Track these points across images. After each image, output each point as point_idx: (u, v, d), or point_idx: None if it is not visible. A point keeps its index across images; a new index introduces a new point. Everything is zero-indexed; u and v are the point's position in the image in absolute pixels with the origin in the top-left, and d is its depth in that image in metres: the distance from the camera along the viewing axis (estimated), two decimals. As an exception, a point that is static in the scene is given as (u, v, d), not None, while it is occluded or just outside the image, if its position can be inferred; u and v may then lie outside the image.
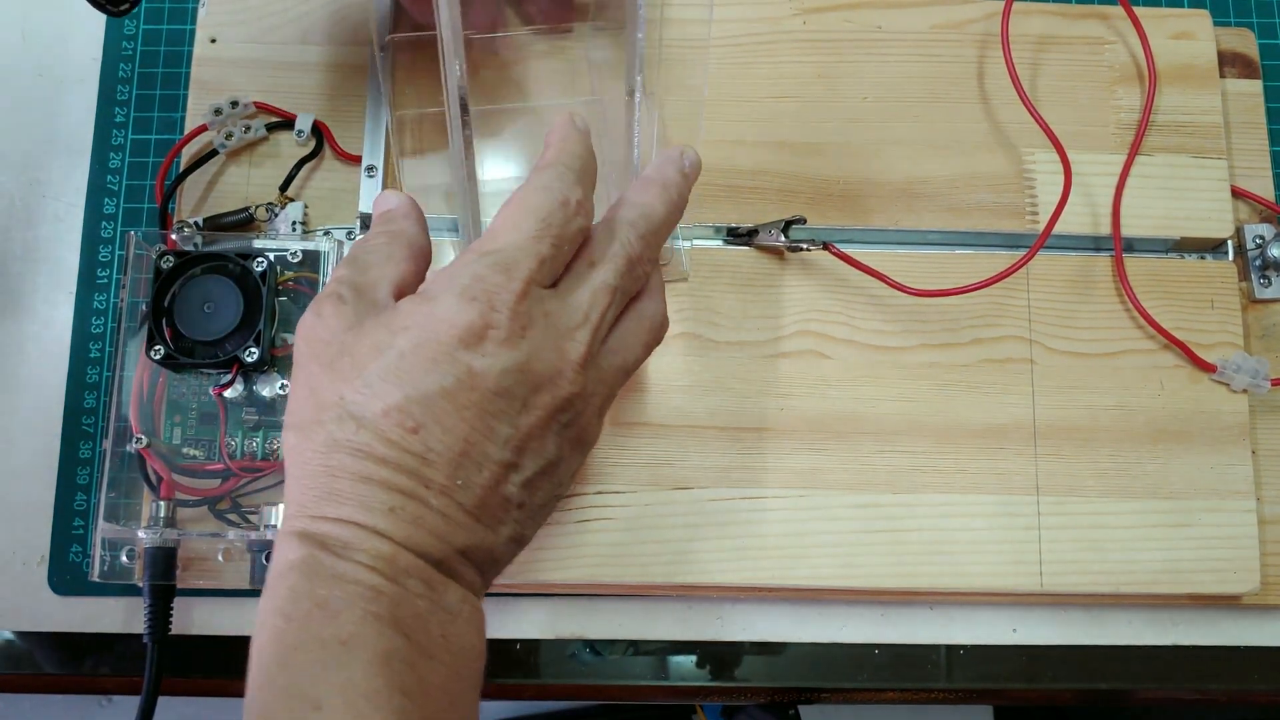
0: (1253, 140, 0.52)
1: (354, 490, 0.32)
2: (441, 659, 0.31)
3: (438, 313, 0.33)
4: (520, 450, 0.33)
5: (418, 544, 0.32)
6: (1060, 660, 0.48)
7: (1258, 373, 0.47)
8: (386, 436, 0.32)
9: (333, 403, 0.32)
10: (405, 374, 0.32)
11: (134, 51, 0.53)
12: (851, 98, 0.51)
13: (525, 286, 0.33)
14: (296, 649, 0.30)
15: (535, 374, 0.33)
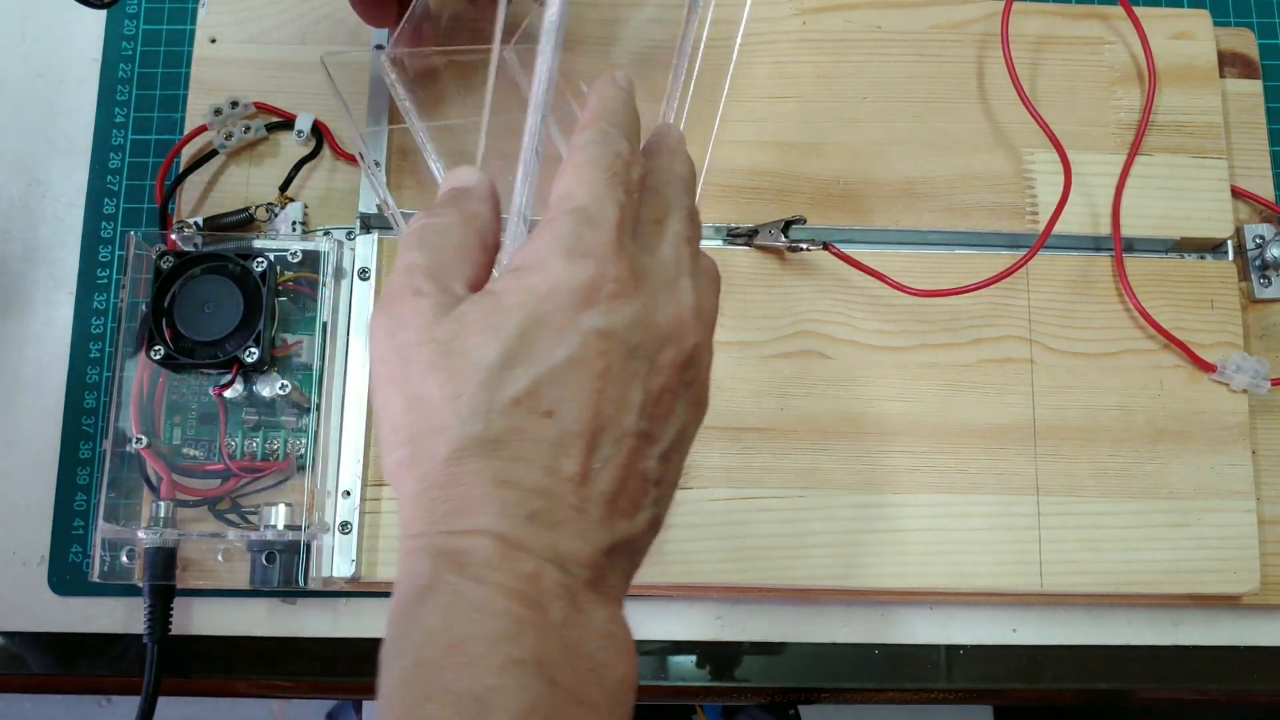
0: (1253, 140, 0.52)
1: (489, 497, 0.29)
2: (592, 700, 0.28)
3: (549, 279, 0.30)
4: (654, 418, 0.31)
5: (562, 552, 0.29)
6: (1060, 660, 0.48)
7: (1258, 373, 0.47)
8: (519, 428, 0.29)
9: (448, 407, 0.29)
10: (529, 353, 0.29)
11: (134, 51, 0.53)
12: (851, 98, 0.51)
13: (618, 235, 0.31)
14: (429, 700, 0.27)
15: (658, 327, 0.31)
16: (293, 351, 0.46)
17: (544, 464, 0.29)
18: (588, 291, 0.30)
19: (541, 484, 0.29)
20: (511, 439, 0.29)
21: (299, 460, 0.45)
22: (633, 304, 0.30)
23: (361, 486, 0.45)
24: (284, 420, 0.46)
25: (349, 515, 0.45)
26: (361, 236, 0.48)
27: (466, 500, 0.29)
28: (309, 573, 0.44)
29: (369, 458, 0.46)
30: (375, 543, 0.45)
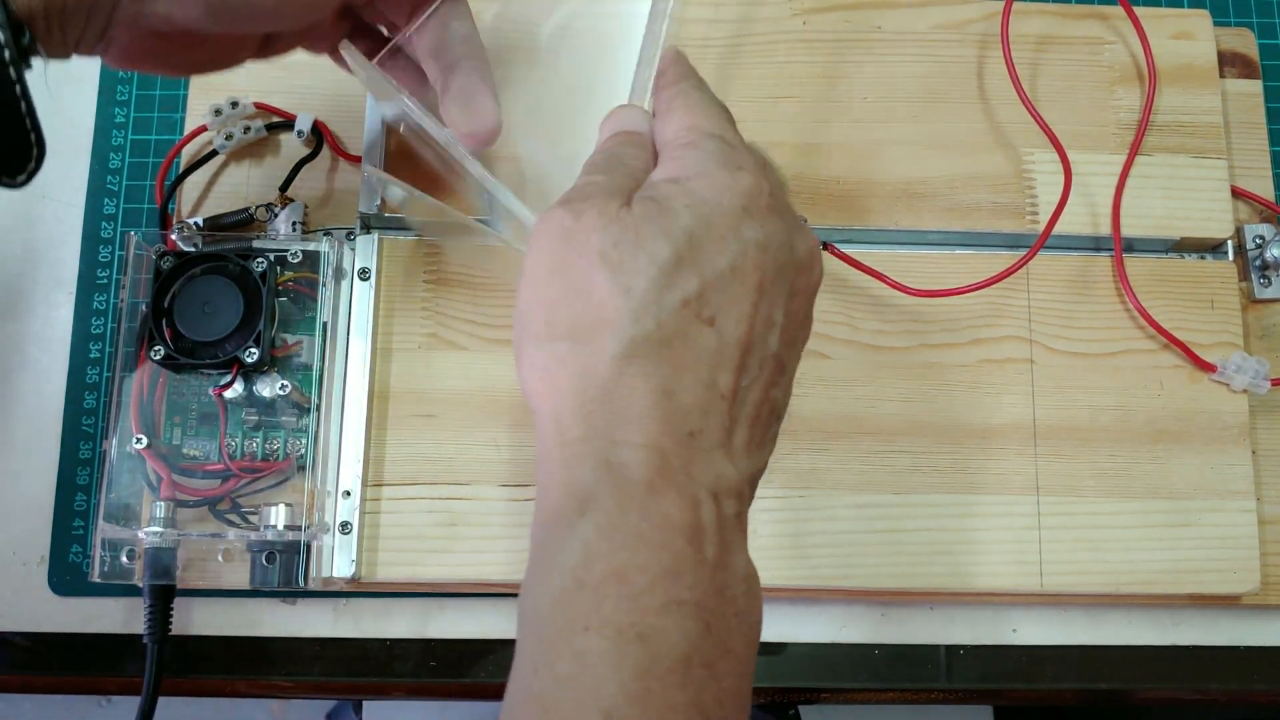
0: (1253, 140, 0.52)
1: (656, 407, 0.28)
2: (735, 650, 0.28)
3: (713, 185, 0.30)
4: (788, 345, 0.31)
5: (717, 479, 0.28)
6: (1060, 660, 0.48)
7: (1258, 373, 0.47)
8: (686, 331, 0.28)
9: (618, 300, 0.29)
10: (697, 256, 0.29)
11: (134, 51, 0.53)
12: (851, 98, 0.51)
13: (762, 161, 0.32)
14: (588, 630, 0.26)
15: (798, 251, 0.31)
16: (293, 351, 0.46)
17: (704, 376, 0.29)
18: (747, 201, 0.30)
19: (702, 399, 0.29)
20: (677, 343, 0.29)
21: (299, 460, 0.45)
22: (783, 224, 0.31)
23: (361, 486, 0.45)
24: (284, 420, 0.46)
25: (349, 515, 0.45)
26: (361, 236, 0.48)
27: (632, 407, 0.28)
28: (309, 573, 0.44)
29: (369, 458, 0.46)
30: (375, 543, 0.45)
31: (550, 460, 0.29)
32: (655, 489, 0.28)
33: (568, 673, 0.26)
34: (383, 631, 0.47)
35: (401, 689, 0.47)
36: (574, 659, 0.26)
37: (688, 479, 0.28)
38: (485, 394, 0.46)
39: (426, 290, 0.48)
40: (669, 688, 0.26)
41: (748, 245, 0.30)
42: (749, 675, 0.29)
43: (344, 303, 0.47)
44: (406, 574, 0.45)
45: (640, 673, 0.26)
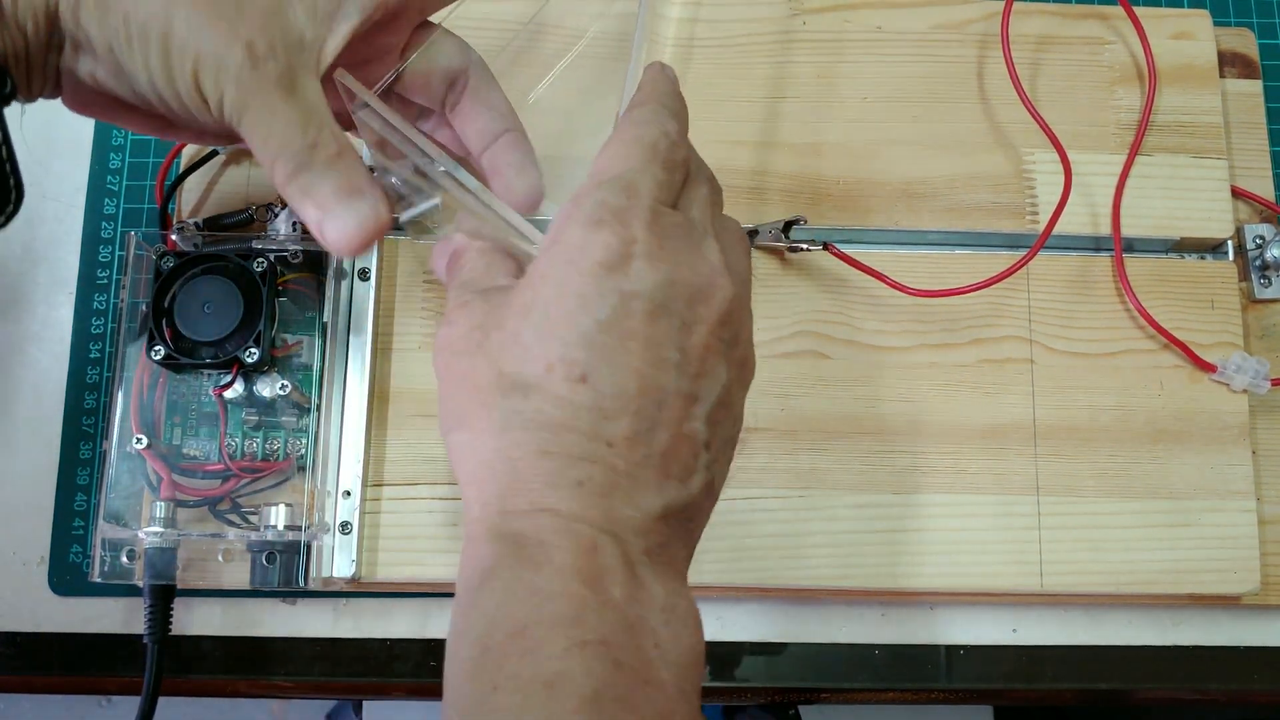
0: (1253, 140, 0.52)
1: (536, 470, 0.29)
2: (659, 678, 0.28)
3: (572, 246, 0.31)
4: (696, 377, 0.31)
5: (616, 520, 0.29)
6: (1060, 660, 0.48)
7: (1258, 373, 0.47)
8: (556, 395, 0.29)
9: (491, 381, 0.30)
10: (558, 320, 0.30)
11: (134, 51, 0.53)
12: (851, 98, 0.51)
13: (653, 203, 0.32)
14: (496, 689, 0.27)
15: (688, 285, 0.31)
16: (293, 351, 0.46)
17: (586, 429, 0.29)
18: (613, 255, 0.30)
19: (586, 449, 0.29)
20: (548, 407, 0.29)
21: (299, 460, 0.45)
22: (660, 265, 0.31)
23: (361, 487, 0.45)
24: (284, 420, 0.46)
25: (349, 515, 0.45)
26: (361, 236, 0.47)
27: (516, 477, 0.29)
28: (309, 573, 0.44)
29: (369, 458, 0.46)
30: (375, 543, 0.45)
31: (463, 544, 0.31)
32: (545, 544, 0.29)
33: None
34: (383, 631, 0.47)
35: (401, 689, 0.47)
36: (486, 717, 0.27)
37: (581, 526, 0.29)
38: (485, 394, 0.46)
39: (426, 290, 0.48)
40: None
41: (613, 298, 0.30)
42: (685, 697, 0.29)
43: (344, 303, 0.47)
44: (406, 574, 0.45)
45: (549, 718, 0.26)
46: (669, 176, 0.33)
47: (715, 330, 0.31)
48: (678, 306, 0.31)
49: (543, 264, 0.31)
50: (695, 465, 0.31)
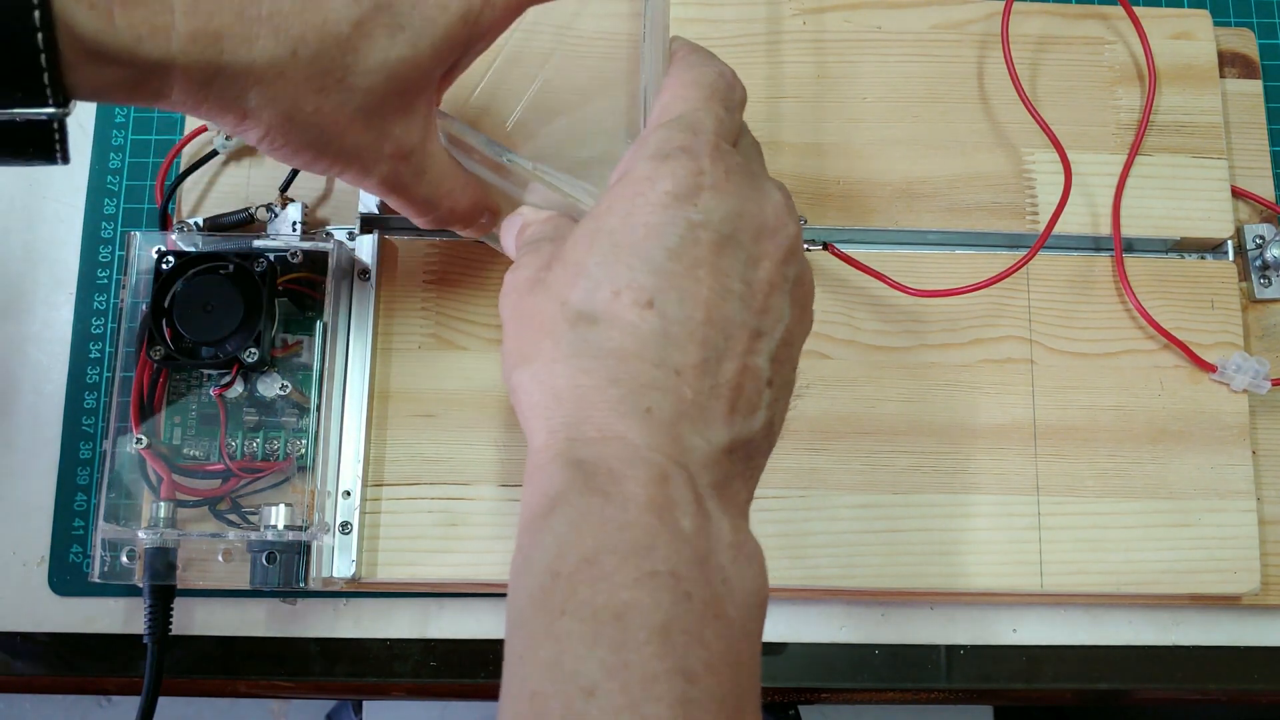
0: (1253, 140, 0.52)
1: (605, 396, 0.29)
2: (726, 614, 0.28)
3: (639, 178, 0.31)
4: (761, 312, 0.31)
5: (684, 451, 0.29)
6: (1060, 660, 0.48)
7: (1258, 373, 0.47)
8: (623, 320, 0.29)
9: (558, 313, 0.30)
10: (624, 248, 0.30)
11: (134, 52, 0.53)
12: (851, 98, 0.51)
13: (715, 139, 0.32)
14: (564, 614, 0.27)
15: (754, 219, 0.31)
16: (293, 351, 0.46)
17: (653, 357, 0.29)
18: (681, 187, 0.30)
19: (653, 377, 0.29)
20: (616, 333, 0.30)
21: (299, 460, 0.45)
22: (726, 198, 0.31)
23: (362, 487, 0.45)
24: (284, 420, 0.46)
25: (349, 515, 0.45)
26: (362, 237, 0.47)
27: (584, 404, 0.29)
28: (309, 573, 0.44)
29: (369, 458, 0.46)
30: (375, 543, 0.45)
31: (528, 472, 0.31)
32: (616, 474, 0.29)
33: (549, 657, 0.27)
34: (383, 631, 0.47)
35: (401, 689, 0.47)
36: (553, 644, 0.27)
37: (651, 454, 0.29)
38: (485, 394, 0.46)
39: (426, 290, 0.48)
40: (648, 658, 0.26)
41: (681, 227, 0.30)
42: (750, 638, 0.29)
43: (344, 303, 0.47)
44: (406, 574, 0.45)
45: (617, 646, 0.26)
46: (729, 115, 0.33)
47: (780, 267, 0.32)
48: (745, 239, 0.31)
49: (609, 198, 0.31)
50: (759, 401, 0.31)
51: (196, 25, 0.30)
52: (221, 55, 0.30)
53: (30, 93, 0.28)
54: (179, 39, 0.30)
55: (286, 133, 0.33)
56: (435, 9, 0.33)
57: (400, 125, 0.35)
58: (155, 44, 0.29)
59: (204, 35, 0.30)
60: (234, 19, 0.30)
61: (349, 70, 0.32)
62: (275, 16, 0.31)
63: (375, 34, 0.32)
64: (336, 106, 0.33)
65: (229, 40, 0.30)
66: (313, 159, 0.35)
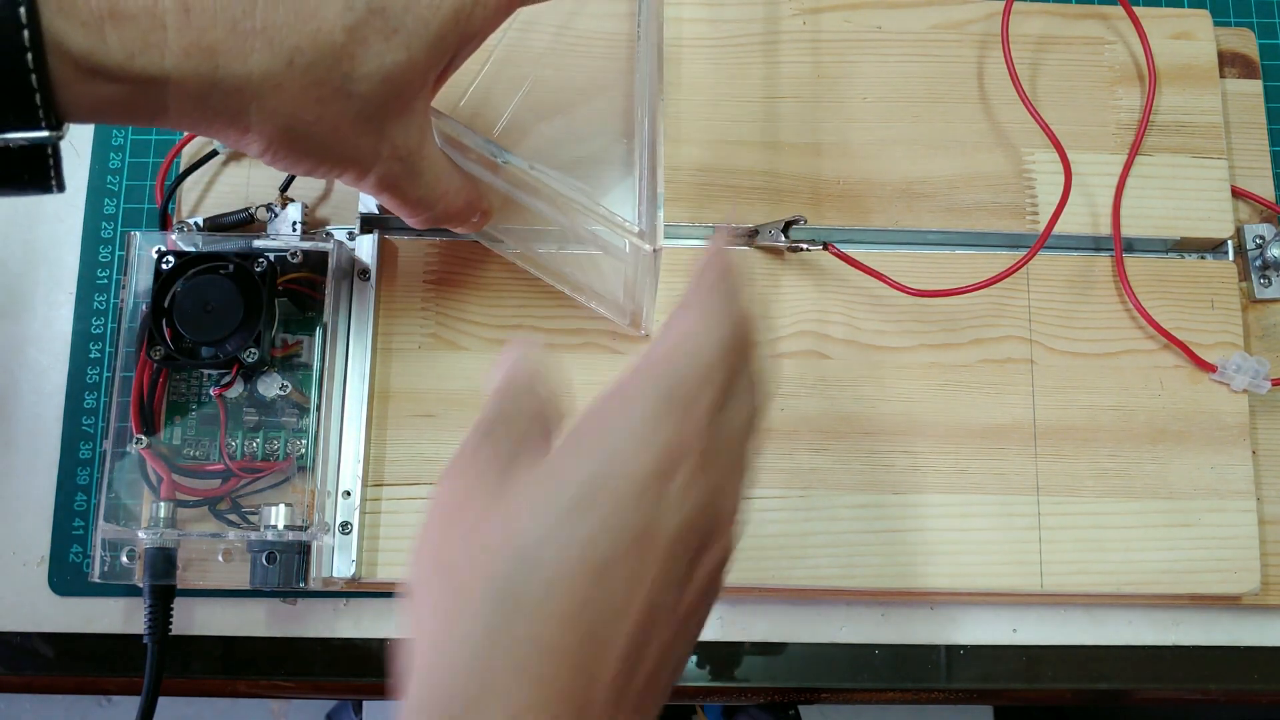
0: (1253, 140, 0.52)
1: (512, 688, 0.24)
2: None
3: (632, 433, 0.26)
4: (687, 617, 0.27)
5: None
6: (1060, 660, 0.48)
7: (1258, 373, 0.47)
8: (561, 601, 0.24)
9: (496, 542, 0.25)
10: (589, 509, 0.25)
11: (134, 52, 0.53)
12: (851, 98, 0.51)
13: (709, 411, 0.27)
14: None
15: (716, 517, 0.27)
16: (293, 351, 0.46)
17: (581, 660, 0.25)
18: (670, 460, 0.26)
19: (574, 687, 0.24)
20: (550, 608, 0.25)
21: (299, 460, 0.45)
22: (702, 487, 0.27)
23: (361, 487, 0.45)
24: (284, 420, 0.46)
25: (349, 515, 0.45)
26: (361, 237, 0.48)
27: (487, 683, 0.24)
28: (309, 573, 0.44)
29: (369, 458, 0.46)
30: (375, 543, 0.45)
31: None
32: None
33: None
34: (383, 631, 0.47)
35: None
36: None
37: None
38: (485, 394, 0.46)
39: (426, 290, 0.48)
40: None
41: (652, 510, 0.25)
42: None
43: (344, 303, 0.47)
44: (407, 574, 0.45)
45: None
46: (728, 381, 0.28)
47: (718, 570, 0.28)
48: (696, 538, 0.27)
49: (588, 439, 0.27)
50: (654, 709, 0.27)
51: (190, 40, 0.29)
52: (217, 70, 0.30)
53: (23, 115, 0.28)
54: (172, 54, 0.29)
55: (288, 144, 0.33)
56: (427, 10, 0.33)
57: (398, 127, 0.35)
58: (149, 59, 0.29)
59: (198, 50, 0.29)
60: (227, 33, 0.30)
61: (347, 78, 0.32)
62: (269, 29, 0.30)
63: (370, 39, 0.32)
64: (336, 114, 0.33)
65: (224, 54, 0.30)
66: (313, 166, 0.35)
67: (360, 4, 0.31)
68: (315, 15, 0.31)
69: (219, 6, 0.29)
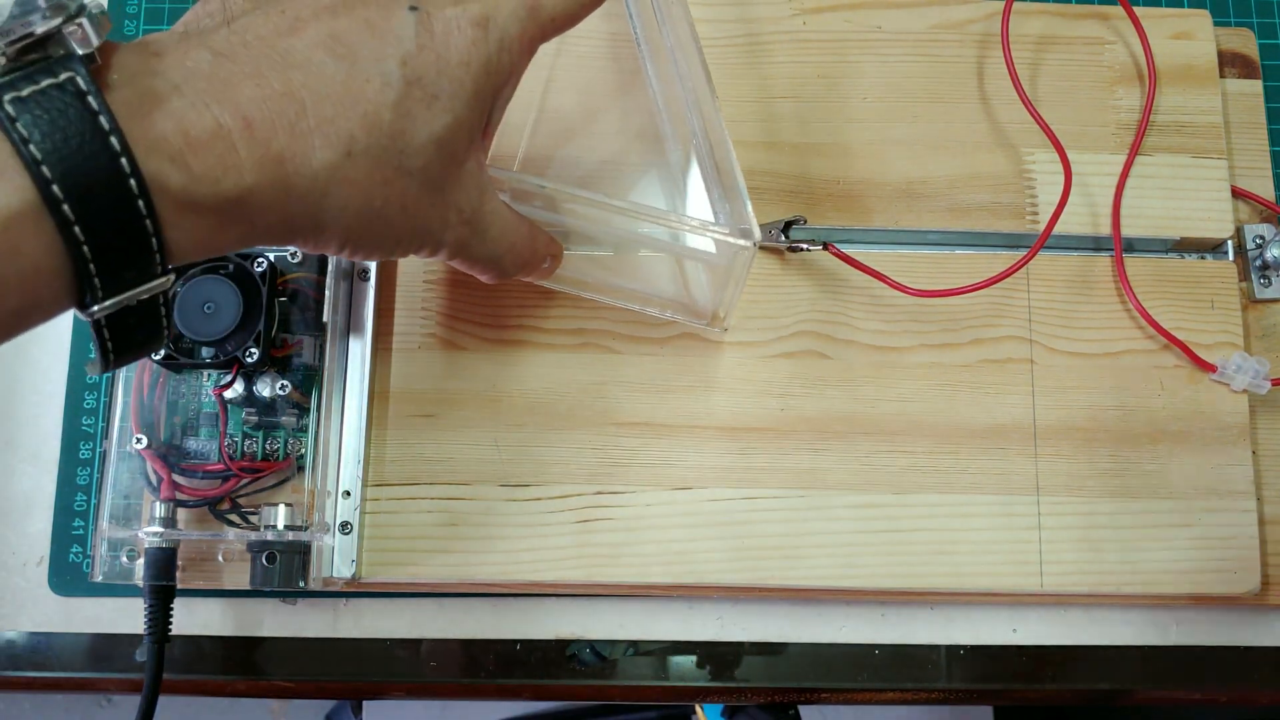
0: (1253, 140, 0.52)
1: None
2: None
3: None
4: None
5: None
6: (1060, 660, 0.48)
7: (1258, 373, 0.47)
8: None
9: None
10: None
11: (134, 52, 0.53)
12: (851, 98, 0.51)
13: None
14: None
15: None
16: (293, 351, 0.46)
17: None
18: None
19: None
20: None
21: (299, 460, 0.45)
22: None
23: (361, 487, 0.45)
24: (284, 420, 0.46)
25: (349, 515, 0.45)
26: (361, 236, 0.47)
27: None
28: (309, 573, 0.44)
29: (369, 458, 0.46)
30: (375, 543, 0.45)
31: None
32: None
33: None
34: (383, 631, 0.47)
35: (401, 689, 0.47)
36: None
37: None
38: (485, 394, 0.47)
39: (426, 290, 0.48)
40: None
41: None
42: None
43: (344, 303, 0.47)
44: (406, 574, 0.45)
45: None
46: None
47: None
48: None
49: None
50: None
51: (260, 153, 0.30)
52: (288, 176, 0.30)
53: (141, 266, 0.28)
54: (249, 171, 0.30)
55: (364, 233, 0.33)
56: (460, 69, 0.33)
57: (459, 191, 0.35)
58: (231, 181, 0.29)
59: (268, 160, 0.30)
60: (289, 138, 0.30)
61: (403, 154, 0.32)
62: (322, 124, 0.31)
63: (415, 111, 0.32)
64: (401, 192, 0.33)
65: (290, 160, 0.30)
66: (391, 249, 0.35)
67: (396, 78, 0.32)
68: (360, 99, 0.31)
69: (275, 114, 0.30)
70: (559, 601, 0.47)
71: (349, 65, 0.31)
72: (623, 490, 0.46)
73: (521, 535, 0.45)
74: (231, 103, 0.29)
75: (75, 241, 0.27)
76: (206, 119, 0.29)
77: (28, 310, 0.28)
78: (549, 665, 0.47)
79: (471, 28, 0.33)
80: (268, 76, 0.30)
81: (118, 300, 0.28)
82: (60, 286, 0.28)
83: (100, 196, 0.27)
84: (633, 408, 0.47)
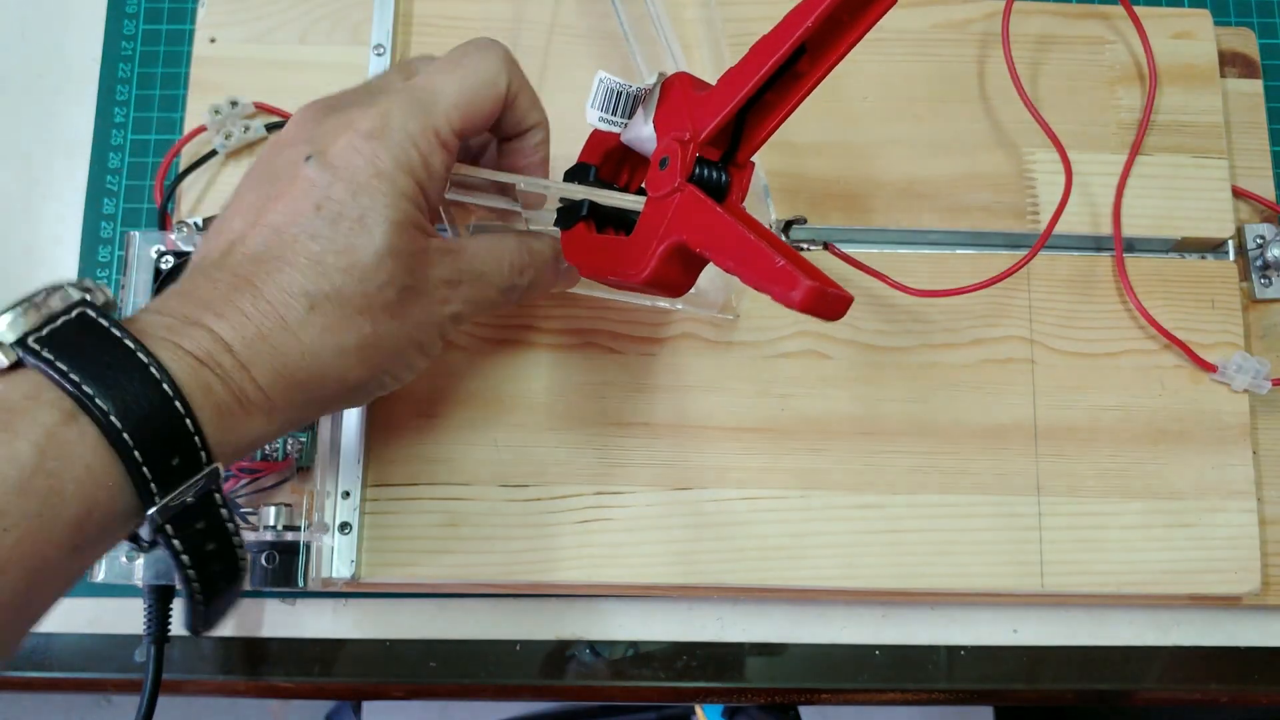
0: (1253, 140, 0.52)
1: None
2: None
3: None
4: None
5: None
6: (1060, 660, 0.48)
7: (1258, 373, 0.47)
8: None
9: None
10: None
11: (134, 51, 0.53)
12: (851, 98, 0.51)
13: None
14: None
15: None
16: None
17: None
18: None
19: None
20: None
21: (299, 460, 0.45)
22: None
23: (361, 487, 0.45)
24: (284, 420, 0.46)
25: (349, 516, 0.44)
26: (361, 236, 0.47)
27: None
28: (309, 573, 0.44)
29: (369, 458, 0.46)
30: (375, 543, 0.45)
31: None
32: None
33: None
34: (383, 631, 0.47)
35: (401, 689, 0.47)
36: None
37: None
38: (485, 394, 0.46)
39: (426, 290, 0.48)
40: None
41: None
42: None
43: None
44: (406, 574, 0.45)
45: None
46: None
47: None
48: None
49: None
50: None
51: (265, 354, 0.33)
52: (293, 361, 0.33)
53: (189, 466, 0.31)
54: (263, 374, 0.33)
55: (377, 358, 0.35)
56: (373, 181, 0.34)
57: (434, 268, 0.36)
58: (246, 378, 0.32)
59: (282, 371, 0.33)
60: (280, 331, 0.33)
61: (361, 280, 0.34)
62: (280, 294, 0.33)
63: (351, 241, 0.34)
64: (383, 307, 0.34)
65: (268, 335, 0.33)
66: (413, 361, 0.38)
67: (319, 225, 0.34)
68: (296, 260, 0.33)
69: (262, 315, 0.33)
70: (559, 602, 0.47)
71: (278, 238, 0.33)
72: (623, 490, 0.46)
73: (521, 535, 0.45)
74: (205, 329, 0.32)
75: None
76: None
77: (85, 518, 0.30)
78: (549, 665, 0.47)
79: (366, 142, 0.34)
80: (232, 299, 0.33)
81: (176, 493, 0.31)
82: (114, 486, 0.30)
83: (160, 420, 0.31)
84: (633, 408, 0.47)
